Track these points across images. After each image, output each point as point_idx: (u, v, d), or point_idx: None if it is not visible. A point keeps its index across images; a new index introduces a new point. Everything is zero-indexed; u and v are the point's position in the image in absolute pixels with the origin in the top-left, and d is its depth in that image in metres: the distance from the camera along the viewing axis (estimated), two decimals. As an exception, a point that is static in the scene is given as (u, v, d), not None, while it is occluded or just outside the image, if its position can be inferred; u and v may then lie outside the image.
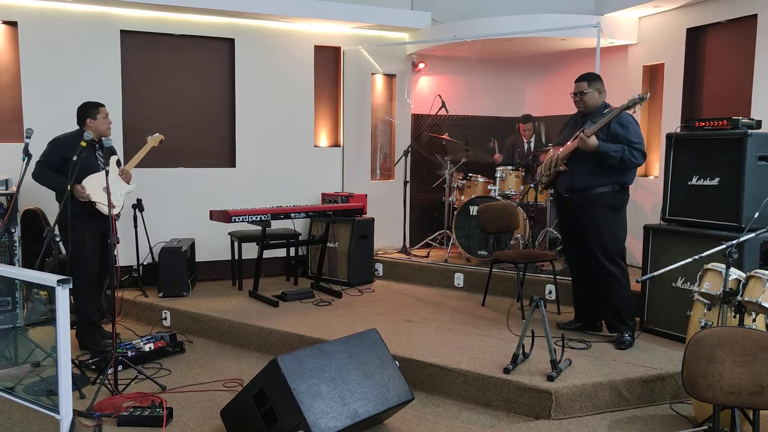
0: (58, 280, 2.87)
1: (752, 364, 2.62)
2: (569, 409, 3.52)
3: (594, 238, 4.19)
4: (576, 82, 4.31)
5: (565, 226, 4.55)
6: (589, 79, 4.26)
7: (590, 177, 4.16)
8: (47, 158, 4.36)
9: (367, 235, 6.15)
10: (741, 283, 3.27)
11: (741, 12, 5.09)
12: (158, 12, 5.87)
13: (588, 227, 4.21)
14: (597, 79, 4.27)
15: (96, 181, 4.37)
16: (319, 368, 3.10)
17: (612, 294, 4.22)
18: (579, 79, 4.31)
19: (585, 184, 4.18)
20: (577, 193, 4.23)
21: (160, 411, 3.37)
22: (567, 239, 4.58)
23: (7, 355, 4.09)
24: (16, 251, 4.56)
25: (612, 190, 4.17)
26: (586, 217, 4.21)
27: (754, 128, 4.12)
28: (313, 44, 6.53)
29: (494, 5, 6.75)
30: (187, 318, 5.05)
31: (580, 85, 4.27)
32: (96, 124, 4.46)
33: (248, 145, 6.34)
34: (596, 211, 4.17)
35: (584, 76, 4.29)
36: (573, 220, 4.33)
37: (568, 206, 4.35)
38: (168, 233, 5.91)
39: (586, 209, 4.20)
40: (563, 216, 4.51)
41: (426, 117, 7.30)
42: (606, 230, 4.19)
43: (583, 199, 4.21)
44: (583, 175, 4.18)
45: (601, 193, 4.16)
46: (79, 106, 4.50)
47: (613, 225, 4.21)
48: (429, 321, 4.83)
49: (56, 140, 4.42)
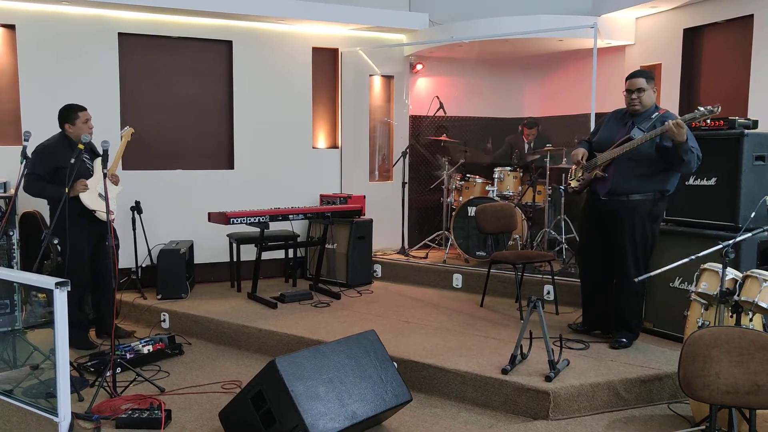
0: (56, 283, 2.87)
1: (748, 363, 2.63)
2: (567, 409, 3.53)
3: (629, 246, 4.03)
4: (632, 78, 4.04)
5: (592, 229, 4.30)
6: (647, 76, 4.03)
7: (633, 180, 3.98)
8: (37, 170, 4.24)
9: (366, 237, 6.16)
10: (738, 283, 3.28)
11: (737, 12, 5.11)
12: (156, 14, 5.87)
13: (624, 235, 4.04)
14: (653, 76, 4.07)
15: (91, 187, 4.35)
16: (317, 370, 3.10)
17: (629, 304, 4.13)
18: (636, 75, 4.05)
19: (626, 188, 4.00)
20: (617, 198, 4.04)
21: (159, 413, 3.37)
22: (591, 242, 4.33)
23: (6, 358, 4.09)
24: (15, 254, 4.56)
25: (652, 198, 4.01)
26: (623, 225, 4.03)
27: (750, 128, 4.13)
28: (311, 46, 6.54)
29: (492, 6, 6.76)
30: (185, 320, 5.06)
31: (637, 81, 4.00)
32: (74, 129, 4.36)
33: (246, 147, 6.34)
34: (634, 220, 4.01)
35: (641, 73, 4.07)
36: (606, 225, 4.14)
37: (603, 210, 4.14)
38: (166, 235, 5.91)
39: (624, 216, 4.02)
40: (593, 218, 4.27)
41: (424, 118, 7.30)
42: (641, 240, 4.03)
43: (620, 205, 4.03)
44: (626, 178, 3.99)
45: (640, 201, 4.00)
46: (60, 108, 4.44)
47: (648, 235, 4.05)
48: (427, 322, 4.83)
49: (41, 150, 4.32)
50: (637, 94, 4.00)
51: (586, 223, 4.40)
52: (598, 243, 4.26)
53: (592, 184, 4.21)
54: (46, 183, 4.30)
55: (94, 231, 4.44)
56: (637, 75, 4.05)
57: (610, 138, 4.11)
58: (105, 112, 5.54)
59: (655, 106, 4.06)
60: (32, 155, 4.26)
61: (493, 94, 7.74)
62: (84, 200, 4.34)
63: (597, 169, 4.12)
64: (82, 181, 4.31)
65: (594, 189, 4.22)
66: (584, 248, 4.45)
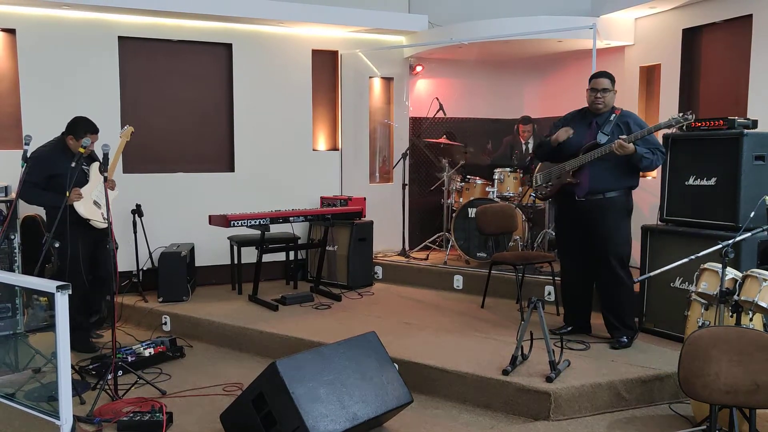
0: (58, 286, 2.87)
1: (748, 363, 2.63)
2: (568, 410, 3.53)
3: (609, 243, 4.12)
4: (597, 78, 4.15)
5: (569, 230, 4.38)
6: (611, 77, 4.13)
7: (608, 180, 4.09)
8: (33, 178, 4.18)
9: (366, 238, 6.16)
10: (738, 283, 3.28)
11: (736, 12, 5.10)
12: (156, 18, 5.89)
13: (603, 232, 4.12)
14: (614, 79, 4.18)
15: (85, 195, 4.32)
16: (318, 372, 3.11)
17: (620, 299, 4.17)
18: (601, 75, 4.16)
19: (602, 187, 4.10)
20: (593, 197, 4.13)
21: (160, 416, 3.37)
22: (569, 242, 4.41)
23: (8, 362, 4.10)
24: (16, 258, 4.57)
25: (624, 194, 4.15)
26: (602, 223, 4.12)
27: (750, 128, 4.13)
28: (311, 48, 6.55)
29: (491, 8, 6.76)
30: (186, 323, 5.06)
31: (603, 81, 4.12)
32: (74, 144, 4.28)
33: (247, 150, 6.35)
34: (613, 216, 4.11)
35: (607, 74, 4.16)
36: (584, 225, 4.20)
37: (579, 210, 4.21)
38: (167, 238, 5.92)
39: (602, 214, 4.12)
40: (568, 218, 4.35)
41: (424, 120, 7.31)
42: (620, 235, 4.15)
43: (597, 204, 4.12)
44: (601, 177, 4.09)
45: (616, 197, 4.12)
46: (75, 117, 4.42)
47: (625, 230, 4.18)
48: (428, 323, 4.83)
49: (37, 157, 4.24)
50: (602, 94, 4.12)
51: (563, 225, 4.50)
52: (577, 243, 4.32)
53: (563, 187, 4.28)
54: (41, 190, 4.27)
55: (89, 238, 4.39)
56: (603, 75, 4.15)
57: (579, 141, 4.19)
58: (105, 116, 5.52)
59: (612, 107, 4.19)
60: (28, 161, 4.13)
61: (493, 95, 7.75)
62: (78, 209, 4.29)
63: (568, 176, 4.20)
64: (76, 190, 4.26)
65: (566, 192, 4.27)
66: (563, 250, 4.53)
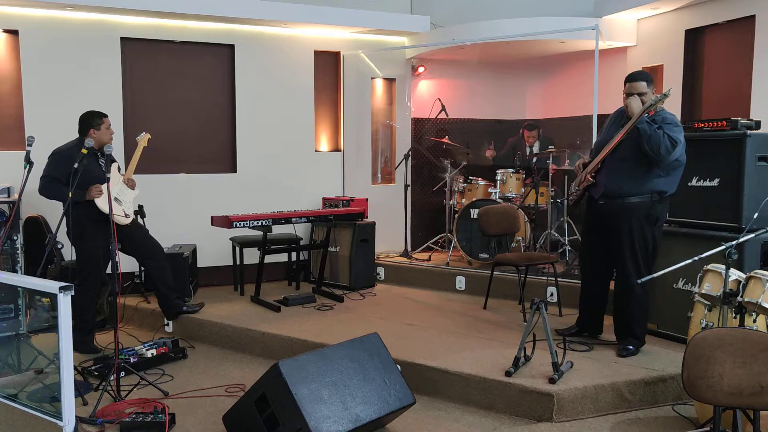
0: (60, 287, 2.87)
1: (752, 364, 2.62)
2: (571, 411, 3.52)
3: (627, 249, 3.98)
4: (633, 81, 3.94)
5: (591, 232, 4.28)
6: (647, 79, 3.94)
7: (626, 181, 3.94)
8: (53, 173, 4.30)
9: (369, 239, 6.16)
10: (741, 284, 3.27)
11: (739, 13, 5.10)
12: (158, 19, 5.90)
13: (622, 238, 3.99)
14: (652, 79, 3.99)
15: (106, 192, 4.35)
16: (320, 373, 3.11)
17: (632, 311, 4.07)
18: (637, 78, 3.95)
19: (620, 189, 3.96)
20: (612, 201, 4.01)
21: (163, 417, 3.37)
22: (588, 245, 4.32)
23: (11, 362, 4.09)
24: (19, 258, 4.58)
25: (649, 200, 3.94)
26: (620, 229, 3.99)
27: (753, 129, 4.12)
28: (313, 49, 6.55)
29: (493, 9, 6.76)
30: (189, 324, 5.06)
31: (638, 85, 3.91)
32: (99, 134, 4.43)
33: (249, 151, 6.36)
34: (632, 223, 3.95)
35: (643, 75, 3.96)
36: (604, 229, 4.11)
37: (600, 213, 4.12)
38: (169, 239, 5.91)
39: (621, 220, 3.98)
40: (592, 221, 4.25)
41: (426, 121, 7.31)
42: (639, 243, 3.97)
43: (617, 208, 3.99)
44: (618, 179, 3.96)
45: (637, 203, 3.94)
46: (82, 114, 4.48)
47: (648, 237, 3.98)
48: (430, 324, 4.83)
49: (59, 154, 4.36)
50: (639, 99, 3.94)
51: (586, 226, 4.40)
52: (598, 246, 4.24)
53: (588, 188, 4.20)
54: (60, 185, 4.31)
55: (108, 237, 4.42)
56: (639, 78, 3.96)
57: (606, 140, 4.10)
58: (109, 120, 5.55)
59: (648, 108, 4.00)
60: (48, 158, 4.37)
61: (495, 96, 7.75)
62: (100, 205, 4.34)
63: (587, 175, 4.13)
64: (97, 187, 4.32)
65: (589, 194, 4.21)
66: (584, 251, 4.45)
